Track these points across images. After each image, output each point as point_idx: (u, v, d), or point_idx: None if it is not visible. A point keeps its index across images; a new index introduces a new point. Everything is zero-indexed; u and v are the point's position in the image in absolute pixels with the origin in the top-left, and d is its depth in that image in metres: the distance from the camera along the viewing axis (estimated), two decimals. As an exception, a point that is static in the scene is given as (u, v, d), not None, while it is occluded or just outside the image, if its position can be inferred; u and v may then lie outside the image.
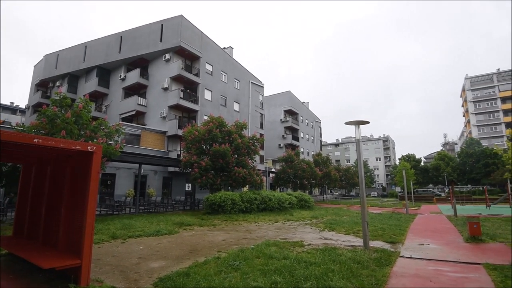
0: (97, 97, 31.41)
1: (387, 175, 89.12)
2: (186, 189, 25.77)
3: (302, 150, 48.38)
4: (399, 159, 66.21)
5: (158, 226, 11.02)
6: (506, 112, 64.76)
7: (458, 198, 34.81)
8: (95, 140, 11.41)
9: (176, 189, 24.78)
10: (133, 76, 28.22)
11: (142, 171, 18.88)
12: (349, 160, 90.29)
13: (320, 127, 60.35)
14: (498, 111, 65.81)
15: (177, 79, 26.45)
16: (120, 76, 29.25)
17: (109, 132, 12.36)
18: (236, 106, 32.52)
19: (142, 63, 29.31)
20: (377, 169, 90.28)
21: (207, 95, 28.54)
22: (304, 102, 55.18)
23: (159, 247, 7.73)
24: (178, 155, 23.74)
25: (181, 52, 27.11)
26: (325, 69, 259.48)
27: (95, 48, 31.94)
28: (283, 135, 45.52)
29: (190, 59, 28.34)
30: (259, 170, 25.26)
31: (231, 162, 18.88)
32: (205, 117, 24.05)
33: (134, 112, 27.14)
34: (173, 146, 25.48)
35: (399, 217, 16.63)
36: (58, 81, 34.86)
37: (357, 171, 56.50)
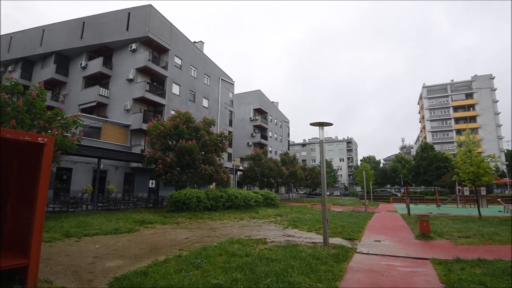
0: (54, 86, 29.20)
1: (349, 175, 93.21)
2: (150, 186, 24.91)
3: (270, 149, 48.96)
4: (361, 160, 69.62)
5: (117, 224, 10.56)
6: (457, 120, 70.90)
7: (412, 198, 37.43)
8: (49, 131, 10.60)
9: (138, 186, 23.84)
10: (95, 65, 26.61)
11: (101, 166, 17.93)
12: (315, 160, 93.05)
13: (288, 127, 61.48)
14: (450, 118, 71.83)
15: (143, 70, 25.41)
16: (81, 64, 27.43)
17: (65, 124, 11.52)
18: (205, 102, 32.03)
19: (105, 52, 27.74)
20: (341, 169, 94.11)
21: (175, 89, 27.77)
22: (273, 102, 55.84)
23: (117, 246, 7.40)
24: (142, 150, 22.87)
25: (148, 43, 26.08)
26: (294, 70, 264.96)
27: (53, 33, 29.61)
28: (252, 134, 45.72)
29: (158, 51, 27.36)
30: (227, 167, 25.14)
31: (197, 159, 18.57)
32: (172, 112, 23.39)
33: (95, 103, 25.62)
34: (136, 141, 24.47)
35: (358, 215, 17.48)
36: (11, 65, 31.86)
37: (322, 170, 58.01)
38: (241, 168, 36.14)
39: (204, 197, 16.52)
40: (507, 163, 64.52)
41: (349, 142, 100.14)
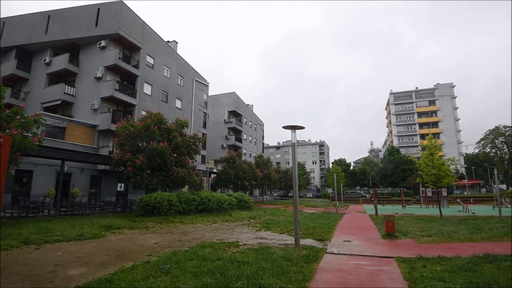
0: (14, 82, 27.25)
1: (321, 177, 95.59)
2: (118, 189, 23.92)
3: (244, 151, 48.98)
4: (332, 163, 71.62)
5: (81, 230, 10.02)
6: (421, 125, 75.32)
7: (379, 199, 39.12)
8: (7, 131, 9.88)
9: (106, 189, 22.79)
10: (61, 61, 25.19)
11: (65, 169, 16.95)
12: (288, 163, 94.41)
13: (263, 130, 61.90)
14: (415, 124, 76.19)
15: (113, 69, 24.44)
16: (45, 60, 25.83)
17: (25, 123, 10.81)
18: (178, 103, 31.39)
19: (72, 48, 26.36)
20: (313, 171, 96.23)
21: (147, 89, 26.97)
22: (248, 105, 56.02)
23: (81, 252, 7.02)
24: (110, 152, 21.93)
25: (119, 41, 25.15)
26: (269, 74, 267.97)
27: (15, 26, 27.64)
28: (226, 136, 45.50)
29: (129, 49, 26.46)
30: (200, 170, 24.78)
31: (169, 161, 18.11)
32: (143, 113, 22.68)
33: (59, 102, 24.21)
34: (104, 142, 23.42)
35: (329, 216, 17.93)
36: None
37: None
38: (215, 170, 35.80)
39: (176, 201, 16.13)
40: (465, 166, 69.45)
41: (321, 145, 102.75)
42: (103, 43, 24.27)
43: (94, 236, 9.17)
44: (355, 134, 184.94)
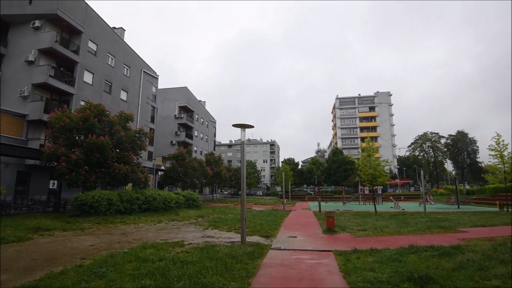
0: None
1: (271, 176, 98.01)
2: (51, 187, 21.51)
3: (195, 148, 47.89)
4: (282, 162, 73.89)
5: (3, 232, 8.84)
6: (362, 129, 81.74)
7: (323, 196, 41.50)
8: None
9: (36, 187, 20.32)
10: (-19, 40, 21.76)
11: (-17, 163, 14.71)
12: (240, 161, 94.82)
13: (215, 127, 61.19)
14: (356, 127, 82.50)
15: (48, 52, 21.86)
16: (-41, 36, 22.05)
17: None
18: (123, 95, 29.33)
19: (-2, 26, 22.93)
20: (264, 170, 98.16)
21: (87, 77, 24.69)
22: (200, 101, 54.87)
23: (2, 257, 6.17)
24: (42, 145, 19.63)
25: (57, 22, 22.58)
26: (223, 71, 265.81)
27: None
28: (176, 132, 43.95)
29: (68, 32, 23.92)
30: (145, 167, 23.54)
31: (110, 157, 16.82)
32: (83, 103, 20.74)
33: (-22, 86, 20.90)
34: (35, 134, 20.87)
35: (277, 213, 18.47)
36: None
37: (246, 171, 59.44)
38: (162, 168, 34.35)
39: (117, 199, 15.09)
40: (398, 167, 77.29)
41: (272, 144, 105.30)
42: (37, 23, 21.56)
43: (18, 239, 8.23)
44: (304, 135, 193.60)
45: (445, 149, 65.69)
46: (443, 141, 66.86)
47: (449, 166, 68.58)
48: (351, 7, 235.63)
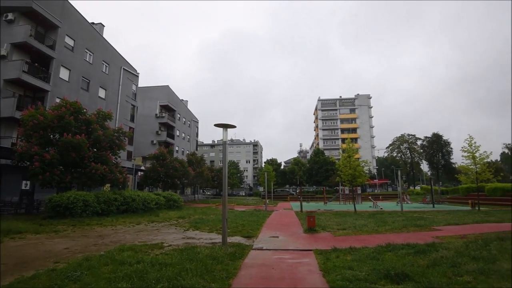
0: None
1: (254, 176, 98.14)
2: (23, 187, 20.38)
3: (177, 148, 47.16)
4: (265, 162, 74.23)
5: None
6: (343, 130, 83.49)
7: (305, 196, 42.01)
8: None
9: (7, 188, 19.25)
10: None
11: None
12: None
13: (197, 127, 60.51)
14: (337, 129, 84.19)
15: (22, 47, 20.83)
16: None
17: None
18: (101, 93, 28.40)
19: (-37, 17, 21.58)
20: (247, 170, 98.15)
21: (64, 73, 23.72)
22: (183, 100, 54.10)
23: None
24: (14, 144, 18.69)
25: (32, 16, 21.54)
26: (206, 71, 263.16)
27: None
28: (157, 131, 43.09)
29: (44, 26, 22.88)
30: (125, 167, 22.94)
31: (87, 157, 16.25)
32: (58, 100, 19.89)
33: None
34: (6, 132, 19.81)
35: (259, 213, 18.48)
36: None
37: (229, 171, 59.54)
38: (142, 168, 33.57)
39: (94, 201, 14.59)
40: (377, 167, 79.53)
41: (255, 145, 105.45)
42: (10, 16, 20.51)
43: (-16, 244, 7.70)
44: (287, 135, 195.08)
45: (421, 151, 68.37)
46: (419, 142, 69.63)
47: (425, 166, 71.53)
48: (335, 11, 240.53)
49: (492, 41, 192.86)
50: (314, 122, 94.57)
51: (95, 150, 17.24)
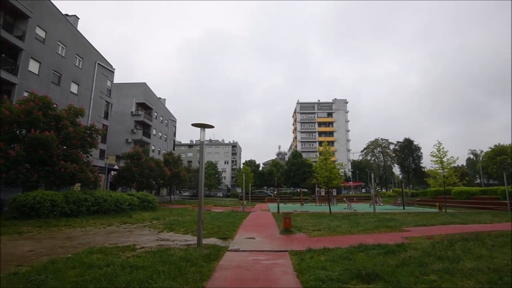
0: None
1: (232, 177, 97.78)
2: (-16, 186, 19.15)
3: (153, 147, 46.01)
4: (243, 163, 74.07)
5: None
6: (320, 133, 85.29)
7: (282, 198, 42.39)
8: None
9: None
10: None
11: None
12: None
13: (175, 126, 59.37)
14: (315, 132, 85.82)
15: (-15, 36, 19.49)
16: None
17: None
18: (74, 88, 27.15)
19: None
20: (225, 171, 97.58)
21: (33, 66, 22.45)
22: (160, 98, 52.90)
23: None
24: (-26, 140, 17.41)
25: (-2, 3, 20.21)
26: (186, 70, 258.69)
27: None
28: (132, 130, 41.83)
29: (13, 15, 21.53)
30: (96, 166, 22.06)
31: (56, 154, 15.44)
32: (27, 94, 18.80)
33: None
34: (-35, 127, 18.43)
35: (236, 215, 18.41)
36: None
37: (207, 172, 59.42)
38: (116, 167, 32.43)
39: (62, 201, 13.89)
40: (352, 170, 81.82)
41: (234, 146, 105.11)
42: (-29, 1, 19.13)
43: None
44: (266, 137, 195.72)
45: (394, 155, 71.20)
46: (392, 147, 72.53)
47: (396, 170, 74.63)
48: (315, 16, 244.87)
49: (460, 52, 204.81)
50: (293, 124, 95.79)
51: (65, 147, 16.44)
